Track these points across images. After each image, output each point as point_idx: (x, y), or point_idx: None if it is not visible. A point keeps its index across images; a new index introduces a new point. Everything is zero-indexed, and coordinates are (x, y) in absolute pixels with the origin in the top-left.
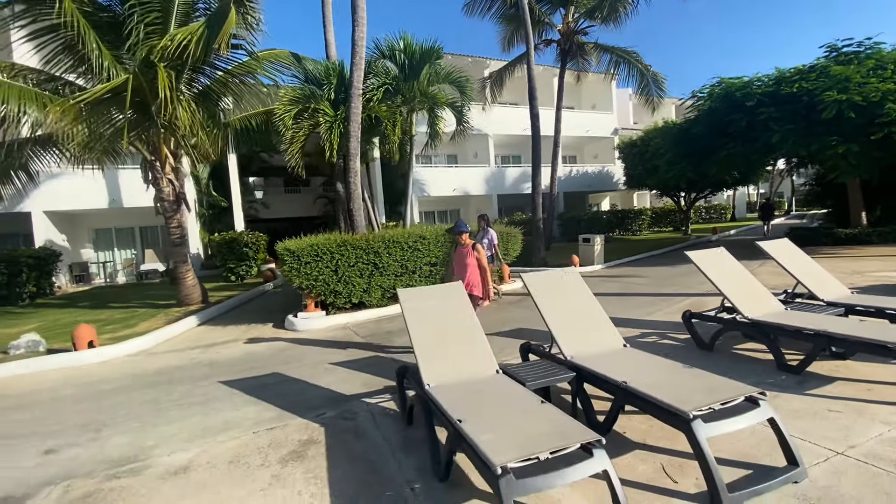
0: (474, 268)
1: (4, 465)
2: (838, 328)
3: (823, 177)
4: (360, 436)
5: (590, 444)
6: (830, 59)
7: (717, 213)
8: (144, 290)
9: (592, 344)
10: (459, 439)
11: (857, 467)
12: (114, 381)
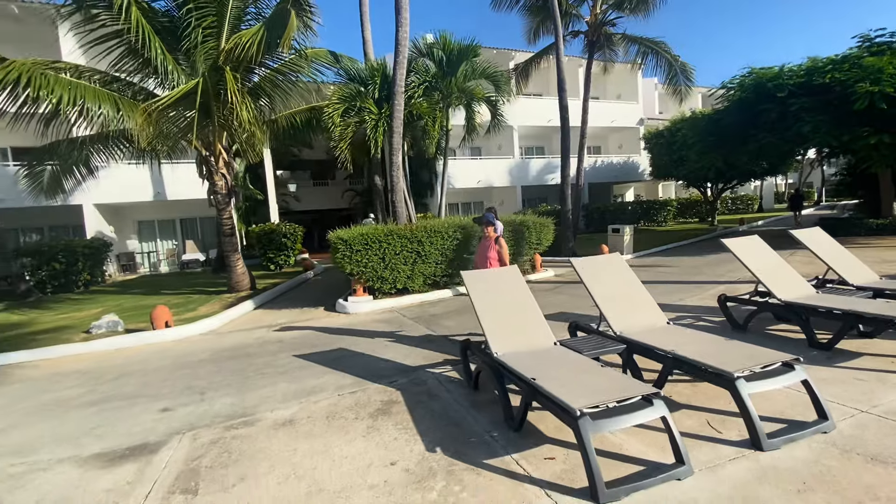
0: (495, 261)
1: (132, 419)
2: (866, 308)
3: (855, 167)
4: (434, 398)
5: (650, 395)
6: (863, 50)
7: (744, 203)
8: (190, 279)
9: (639, 321)
10: (535, 394)
11: (878, 421)
12: (198, 355)
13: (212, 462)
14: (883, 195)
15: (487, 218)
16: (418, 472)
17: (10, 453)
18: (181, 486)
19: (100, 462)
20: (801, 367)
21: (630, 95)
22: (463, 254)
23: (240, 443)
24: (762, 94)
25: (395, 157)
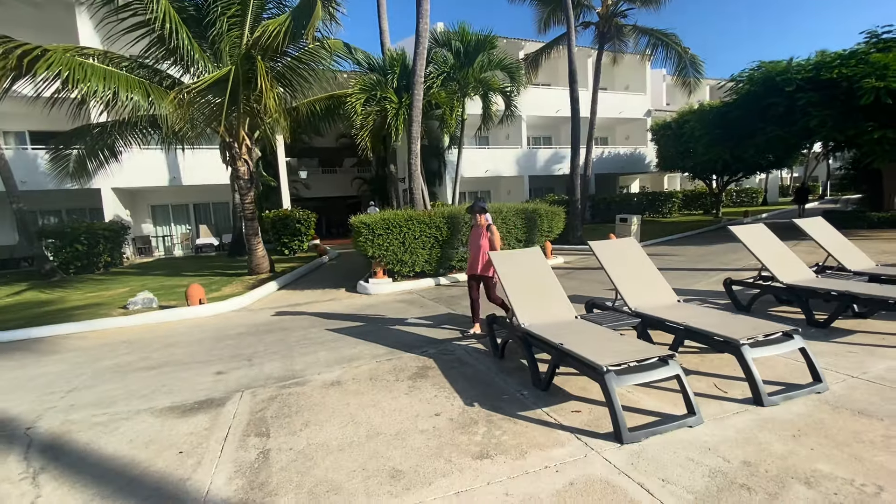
0: (485, 250)
1: (191, 380)
2: (861, 290)
3: (859, 161)
4: (464, 364)
5: (666, 356)
6: (871, 46)
7: (749, 196)
8: (206, 262)
9: (652, 298)
10: (563, 356)
11: (866, 384)
12: (236, 328)
13: (276, 413)
14: (886, 190)
15: (480, 206)
16: (461, 420)
17: (89, 405)
18: (254, 430)
19: (174, 413)
20: (798, 337)
21: (638, 86)
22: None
23: (296, 398)
24: (770, 87)
25: (414, 145)
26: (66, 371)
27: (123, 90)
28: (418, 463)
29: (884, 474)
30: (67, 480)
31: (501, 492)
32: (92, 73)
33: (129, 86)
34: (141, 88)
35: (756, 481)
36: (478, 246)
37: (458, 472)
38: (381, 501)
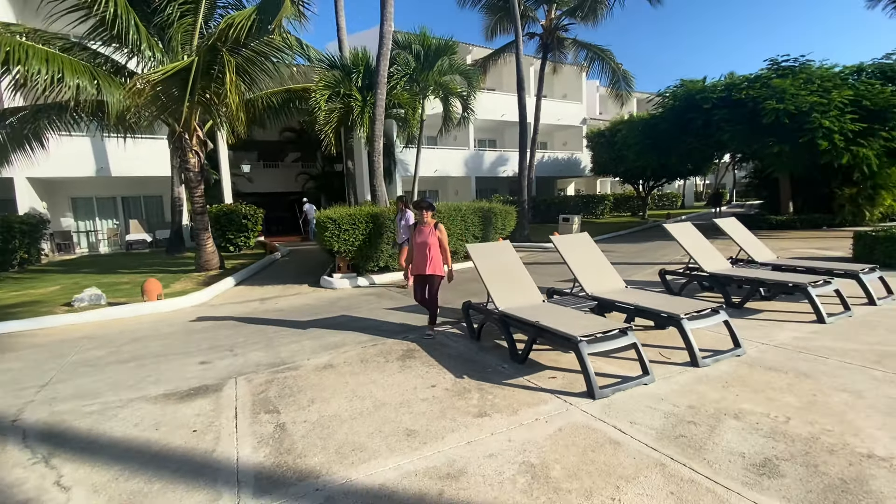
0: (436, 247)
1: (176, 370)
2: (767, 277)
3: (761, 171)
4: (446, 346)
5: (624, 328)
6: (772, 71)
7: (669, 200)
8: (142, 259)
9: (605, 284)
10: (540, 332)
11: (773, 349)
12: (206, 322)
13: (278, 393)
14: (782, 196)
15: (428, 202)
16: (455, 389)
17: (73, 398)
18: (261, 408)
19: (171, 399)
20: (723, 312)
21: (575, 96)
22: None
23: (293, 381)
24: (691, 104)
25: (377, 143)
26: (30, 367)
27: (70, 74)
28: (427, 424)
29: (790, 409)
30: (85, 462)
31: (504, 439)
32: (33, 54)
33: (73, 70)
34: (86, 73)
35: (699, 418)
36: (426, 244)
37: (463, 427)
38: (404, 454)
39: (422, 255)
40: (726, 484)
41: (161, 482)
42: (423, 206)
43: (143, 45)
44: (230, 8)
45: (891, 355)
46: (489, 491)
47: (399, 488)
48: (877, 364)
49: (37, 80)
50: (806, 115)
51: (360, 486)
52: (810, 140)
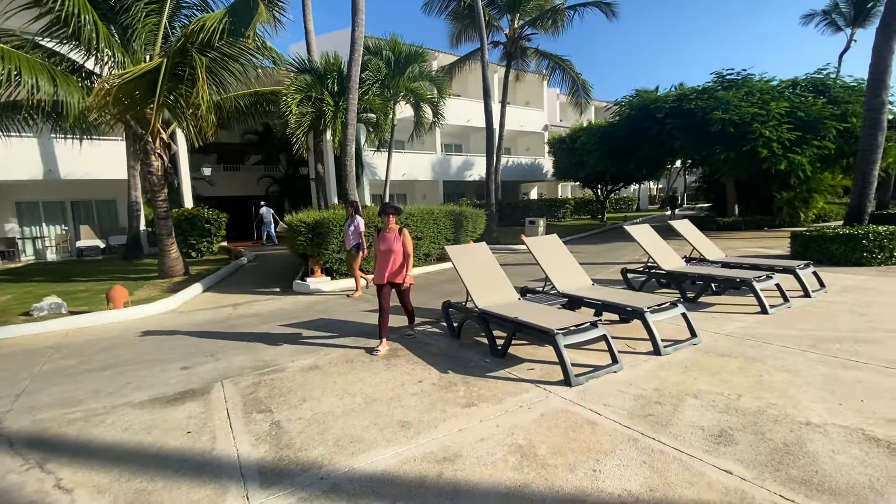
0: (400, 254)
1: (158, 376)
2: (718, 273)
3: (710, 176)
4: (428, 345)
5: (595, 321)
6: (718, 84)
7: (625, 203)
8: (97, 266)
9: (574, 282)
10: (519, 327)
11: (724, 337)
12: (180, 329)
13: (268, 394)
14: (728, 200)
15: (394, 207)
16: (442, 384)
17: (52, 406)
18: (253, 408)
19: (157, 404)
20: (681, 305)
21: (537, 103)
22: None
23: (281, 382)
24: (646, 113)
25: (350, 147)
26: (3, 377)
27: (27, 72)
28: (419, 415)
29: (740, 388)
30: (81, 465)
31: (493, 425)
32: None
33: (31, 68)
34: (44, 71)
35: (664, 398)
36: (390, 251)
37: (453, 417)
38: (401, 443)
39: (386, 263)
40: (690, 452)
41: (164, 480)
42: (388, 210)
43: (102, 44)
44: (196, 9)
45: (823, 340)
46: (484, 469)
47: (401, 472)
48: (812, 347)
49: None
50: (748, 125)
51: (363, 473)
52: (752, 148)
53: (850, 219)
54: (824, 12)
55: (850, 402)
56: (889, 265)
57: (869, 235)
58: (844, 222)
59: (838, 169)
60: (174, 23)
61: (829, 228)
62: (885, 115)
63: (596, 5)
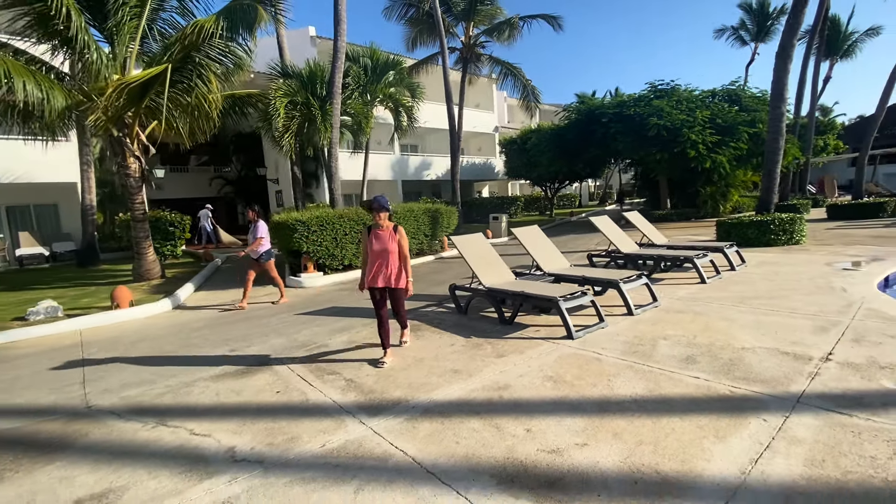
0: (395, 255)
1: (211, 359)
2: (665, 253)
3: (646, 174)
4: (443, 321)
5: (584, 291)
6: (651, 92)
7: (569, 200)
8: (52, 274)
9: (556, 264)
10: (525, 298)
11: (677, 301)
12: (195, 323)
13: (327, 363)
14: (661, 195)
15: (379, 201)
16: (470, 345)
17: (128, 387)
18: (322, 373)
19: (230, 377)
20: (645, 277)
21: (487, 105)
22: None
23: (331, 354)
24: (592, 118)
25: (334, 149)
26: (44, 373)
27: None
28: (464, 365)
29: (695, 331)
30: (201, 420)
31: (525, 367)
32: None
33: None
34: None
35: (644, 342)
36: (385, 251)
37: (492, 364)
38: (460, 383)
39: (379, 265)
40: (670, 369)
41: (284, 420)
42: (375, 206)
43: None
44: (174, 11)
45: (747, 298)
46: (530, 391)
47: (470, 398)
48: (740, 303)
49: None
50: (679, 130)
51: (443, 401)
52: (682, 149)
53: (761, 208)
54: (733, 28)
55: (769, 334)
56: (790, 245)
57: (775, 221)
58: (756, 211)
59: (749, 167)
60: (153, 26)
61: (746, 217)
62: (784, 124)
63: (544, 18)
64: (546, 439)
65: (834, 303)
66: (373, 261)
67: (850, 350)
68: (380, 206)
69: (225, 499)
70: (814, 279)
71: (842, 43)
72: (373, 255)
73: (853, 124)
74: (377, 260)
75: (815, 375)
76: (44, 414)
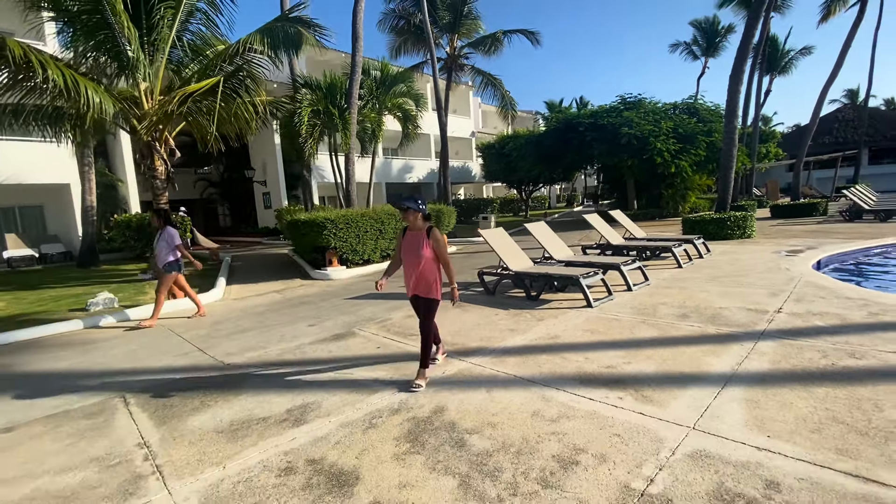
0: (430, 261)
1: (297, 331)
2: (647, 245)
3: (613, 178)
4: (476, 301)
5: (595, 272)
6: (621, 104)
7: (539, 202)
8: (54, 275)
9: (564, 253)
10: (550, 279)
11: (664, 280)
12: (257, 308)
13: (400, 329)
14: (629, 196)
15: (409, 201)
16: (511, 314)
17: (246, 351)
18: (402, 334)
19: (326, 342)
20: (638, 262)
21: (464, 111)
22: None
23: (399, 323)
24: (569, 126)
25: (352, 154)
26: (156, 343)
27: (108, 102)
28: (516, 326)
29: (682, 299)
30: (336, 368)
31: (563, 326)
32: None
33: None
34: (105, 95)
35: (646, 307)
36: (418, 257)
37: (536, 325)
38: (516, 337)
39: (410, 272)
40: (672, 322)
41: (401, 362)
42: (402, 206)
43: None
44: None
45: (716, 277)
46: (576, 338)
47: (533, 345)
48: (712, 281)
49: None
50: (646, 139)
51: (513, 347)
52: (650, 156)
53: (719, 208)
54: (686, 43)
55: (737, 299)
56: (743, 238)
57: (731, 219)
58: (714, 210)
59: (706, 172)
60: (182, 35)
61: (707, 215)
62: (736, 135)
63: (523, 33)
64: (601, 361)
65: (781, 278)
66: (406, 268)
67: (794, 306)
68: (408, 205)
69: (399, 401)
70: (765, 263)
71: (780, 60)
72: (407, 259)
73: (790, 133)
74: (412, 265)
75: (772, 321)
76: (192, 370)
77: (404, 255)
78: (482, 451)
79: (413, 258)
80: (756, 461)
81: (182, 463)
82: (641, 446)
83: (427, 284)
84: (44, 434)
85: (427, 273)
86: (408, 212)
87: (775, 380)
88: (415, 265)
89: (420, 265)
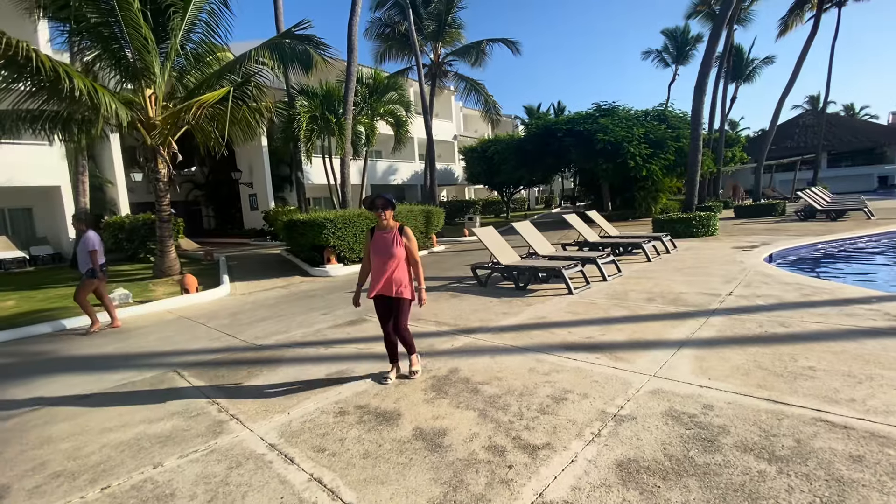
0: (402, 261)
1: (312, 319)
2: (620, 241)
3: (589, 181)
4: (469, 292)
5: (575, 263)
6: (597, 111)
7: (519, 204)
8: (51, 276)
9: (547, 249)
10: (536, 271)
11: (634, 271)
12: (267, 301)
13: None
14: (604, 198)
15: (387, 199)
16: (502, 301)
17: (273, 335)
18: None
19: (342, 327)
20: (612, 257)
21: (446, 115)
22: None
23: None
24: (548, 132)
25: (347, 157)
26: (186, 331)
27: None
28: (508, 310)
29: (650, 287)
30: (357, 345)
31: (548, 309)
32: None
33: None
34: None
35: (619, 294)
36: (390, 255)
37: (525, 309)
38: (508, 319)
39: (382, 271)
40: (639, 304)
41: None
42: (379, 204)
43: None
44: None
45: (681, 269)
46: (560, 318)
47: (524, 324)
48: (677, 272)
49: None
50: (620, 144)
51: (507, 325)
52: (624, 160)
53: (685, 208)
54: (657, 51)
55: (696, 286)
56: (707, 236)
57: (696, 218)
58: (682, 210)
59: (675, 175)
60: (185, 44)
61: (674, 215)
62: (701, 142)
63: (504, 42)
64: (582, 334)
65: (735, 269)
66: (377, 268)
67: (742, 290)
68: (385, 203)
69: (420, 366)
70: (724, 257)
71: (745, 68)
72: (375, 260)
73: (756, 137)
74: (379, 265)
75: (723, 302)
76: (229, 351)
77: (376, 256)
78: (493, 394)
79: (386, 258)
80: (698, 394)
81: (252, 412)
82: (614, 388)
83: (400, 283)
84: (123, 398)
85: (400, 272)
86: (387, 210)
87: (719, 343)
88: (388, 264)
89: (395, 264)
